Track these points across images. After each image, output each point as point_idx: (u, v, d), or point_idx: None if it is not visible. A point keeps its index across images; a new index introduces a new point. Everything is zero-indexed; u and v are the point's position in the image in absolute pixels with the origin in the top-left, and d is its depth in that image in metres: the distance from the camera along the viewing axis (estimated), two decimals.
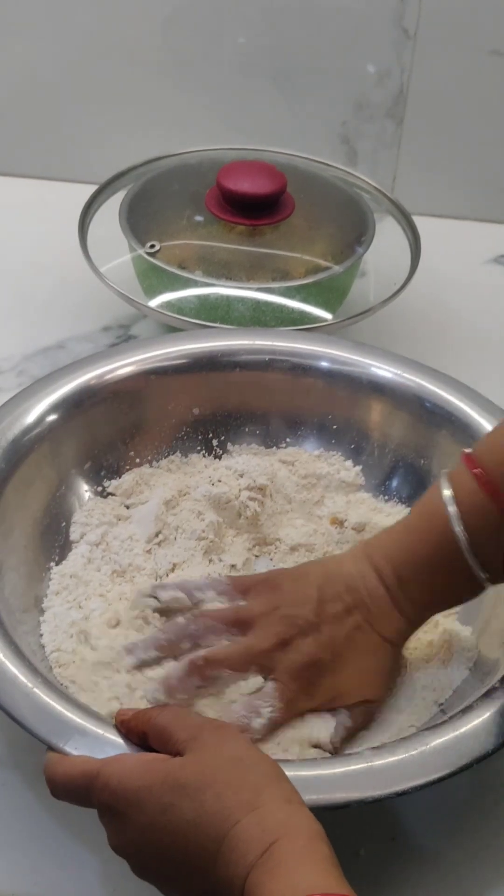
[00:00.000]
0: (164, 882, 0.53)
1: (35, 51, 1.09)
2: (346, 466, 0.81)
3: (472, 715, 0.60)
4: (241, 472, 0.78)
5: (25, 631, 0.68)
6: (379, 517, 0.78)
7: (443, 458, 0.78)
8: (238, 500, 0.76)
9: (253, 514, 0.76)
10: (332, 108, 1.10)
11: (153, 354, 0.82)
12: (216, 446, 0.82)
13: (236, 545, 0.76)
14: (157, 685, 0.63)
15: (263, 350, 0.83)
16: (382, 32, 1.05)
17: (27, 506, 0.74)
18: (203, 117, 1.11)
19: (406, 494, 0.80)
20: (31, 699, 0.60)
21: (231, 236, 0.94)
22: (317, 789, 0.57)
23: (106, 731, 0.59)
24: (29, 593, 0.71)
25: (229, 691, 0.63)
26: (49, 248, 1.05)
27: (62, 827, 0.64)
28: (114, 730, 0.59)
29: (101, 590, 0.72)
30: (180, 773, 0.52)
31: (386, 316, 0.95)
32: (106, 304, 0.98)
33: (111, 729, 0.59)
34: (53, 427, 0.76)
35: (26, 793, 0.65)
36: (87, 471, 0.79)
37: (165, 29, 1.07)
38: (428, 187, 1.12)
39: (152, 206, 0.98)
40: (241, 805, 0.51)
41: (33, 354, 0.95)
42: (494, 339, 1.01)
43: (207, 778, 0.52)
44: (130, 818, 0.53)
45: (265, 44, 1.07)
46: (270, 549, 0.77)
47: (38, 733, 0.59)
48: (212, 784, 0.52)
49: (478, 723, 0.60)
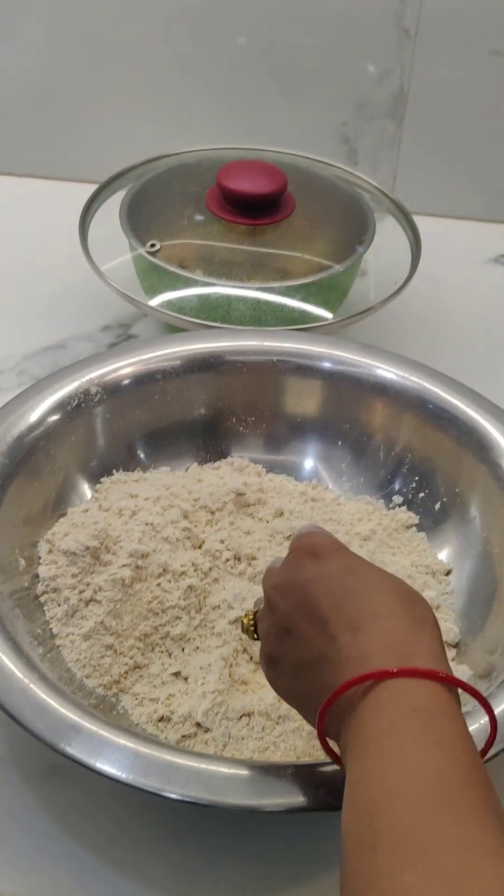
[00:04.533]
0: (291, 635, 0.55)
1: (35, 51, 1.09)
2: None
3: (470, 719, 0.60)
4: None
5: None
6: (384, 519, 0.79)
7: (445, 460, 0.78)
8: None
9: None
10: (332, 108, 1.10)
11: (155, 355, 0.82)
12: (218, 448, 0.82)
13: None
14: None
15: (268, 351, 0.83)
16: (382, 32, 1.05)
17: (29, 505, 0.74)
18: (203, 117, 1.11)
19: (409, 496, 0.80)
20: (27, 695, 0.60)
21: (231, 236, 0.94)
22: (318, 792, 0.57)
23: (101, 729, 0.59)
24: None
25: None
26: (49, 248, 1.05)
27: (62, 827, 0.64)
28: (111, 728, 0.59)
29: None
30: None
31: (386, 315, 0.95)
32: (106, 303, 0.97)
33: (108, 727, 0.59)
34: (55, 427, 0.77)
35: (26, 793, 0.65)
36: (89, 471, 0.79)
37: (166, 29, 1.07)
38: (428, 187, 1.12)
39: (152, 205, 0.98)
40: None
41: (33, 354, 0.95)
42: (494, 339, 1.01)
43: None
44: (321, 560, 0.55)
45: (265, 44, 1.07)
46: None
47: (34, 730, 0.59)
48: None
49: (476, 727, 0.60)
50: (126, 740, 0.59)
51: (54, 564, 0.72)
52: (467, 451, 0.77)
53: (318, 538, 0.57)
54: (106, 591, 0.70)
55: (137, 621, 0.70)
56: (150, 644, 0.70)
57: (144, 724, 0.67)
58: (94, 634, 0.69)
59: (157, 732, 0.66)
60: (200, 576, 0.72)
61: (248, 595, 0.71)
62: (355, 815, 0.46)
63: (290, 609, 0.55)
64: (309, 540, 0.57)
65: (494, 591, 0.72)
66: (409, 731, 0.47)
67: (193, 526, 0.75)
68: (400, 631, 0.51)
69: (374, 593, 0.53)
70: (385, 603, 0.53)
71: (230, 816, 0.63)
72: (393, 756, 0.47)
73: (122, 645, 0.70)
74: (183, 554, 0.73)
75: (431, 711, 0.48)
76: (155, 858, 0.63)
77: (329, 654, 0.52)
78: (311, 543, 0.57)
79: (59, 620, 0.70)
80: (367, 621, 0.52)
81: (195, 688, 0.68)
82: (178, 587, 0.71)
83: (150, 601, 0.71)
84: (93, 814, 0.64)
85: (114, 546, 0.72)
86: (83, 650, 0.69)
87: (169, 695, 0.68)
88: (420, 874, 0.41)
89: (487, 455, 0.76)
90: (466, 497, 0.77)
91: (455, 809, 0.44)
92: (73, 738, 0.58)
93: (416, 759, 0.46)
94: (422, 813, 0.44)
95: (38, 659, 0.65)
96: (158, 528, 0.73)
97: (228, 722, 0.66)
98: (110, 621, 0.69)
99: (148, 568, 0.71)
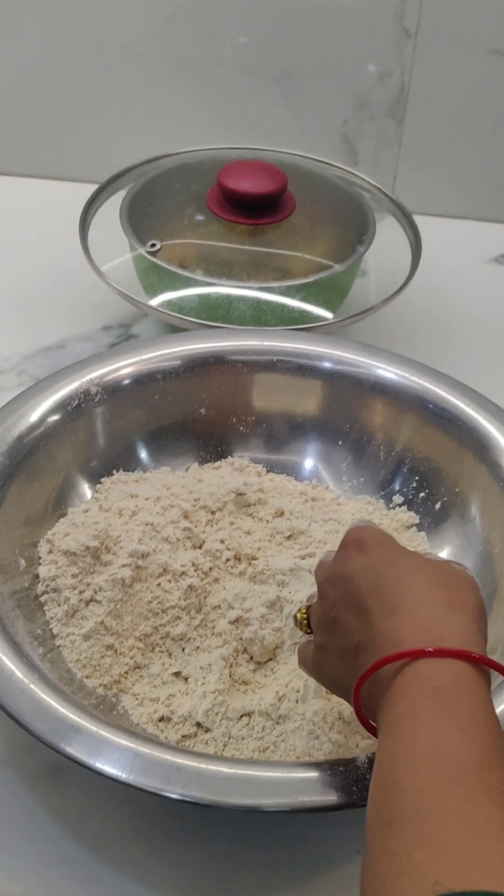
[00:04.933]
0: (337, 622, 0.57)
1: (35, 51, 1.09)
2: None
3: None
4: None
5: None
6: (384, 519, 0.78)
7: (446, 460, 0.78)
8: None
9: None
10: (332, 108, 1.10)
11: (156, 355, 0.82)
12: (218, 448, 0.82)
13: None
14: None
15: (269, 351, 0.83)
16: (383, 32, 1.05)
17: (29, 505, 0.74)
18: (203, 117, 1.11)
19: (409, 496, 0.80)
20: (27, 695, 0.60)
21: (232, 235, 0.94)
22: (318, 791, 0.57)
23: (102, 729, 0.59)
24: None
25: None
26: (49, 248, 1.05)
27: (61, 827, 0.64)
28: (111, 728, 0.59)
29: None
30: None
31: (386, 315, 0.95)
32: (106, 303, 0.97)
33: (108, 727, 0.59)
34: (56, 427, 0.77)
35: (26, 793, 0.65)
36: (89, 471, 0.79)
37: (165, 29, 1.07)
38: (428, 187, 1.12)
39: (153, 205, 0.98)
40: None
41: (34, 354, 0.95)
42: (495, 339, 1.01)
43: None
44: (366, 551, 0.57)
45: (265, 44, 1.07)
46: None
47: (34, 730, 0.59)
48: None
49: None
50: (126, 740, 0.59)
51: (54, 564, 0.72)
52: (468, 450, 0.77)
53: (365, 531, 0.58)
54: (106, 591, 0.70)
55: (138, 621, 0.70)
56: (150, 644, 0.70)
57: (145, 725, 0.66)
58: (94, 634, 0.69)
59: (157, 732, 0.66)
60: (201, 576, 0.72)
61: (248, 595, 0.71)
62: (377, 793, 0.47)
63: (336, 600, 0.57)
64: (356, 533, 0.58)
65: (494, 590, 0.72)
66: (430, 711, 0.48)
67: (194, 526, 0.75)
68: (433, 613, 0.52)
69: (411, 579, 0.54)
70: (420, 587, 0.54)
71: (231, 816, 0.63)
72: (414, 736, 0.48)
73: (123, 645, 0.70)
74: (183, 554, 0.73)
75: (454, 692, 0.49)
76: (155, 858, 0.63)
77: (367, 639, 0.54)
78: (357, 537, 0.58)
79: (60, 620, 0.70)
80: (402, 606, 0.53)
81: (195, 688, 0.68)
82: (179, 587, 0.71)
83: (150, 601, 0.71)
84: (93, 814, 0.64)
85: (114, 546, 0.72)
86: (83, 650, 0.69)
87: (169, 695, 0.68)
88: (427, 852, 0.42)
89: (488, 455, 0.76)
90: (467, 497, 0.77)
91: (470, 789, 0.45)
92: (73, 738, 0.58)
93: (436, 739, 0.47)
94: (436, 792, 0.45)
95: (39, 659, 0.65)
96: (159, 528, 0.73)
97: (228, 722, 0.66)
98: (110, 621, 0.69)
99: (148, 568, 0.71)
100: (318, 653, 0.60)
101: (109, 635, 0.69)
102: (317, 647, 0.60)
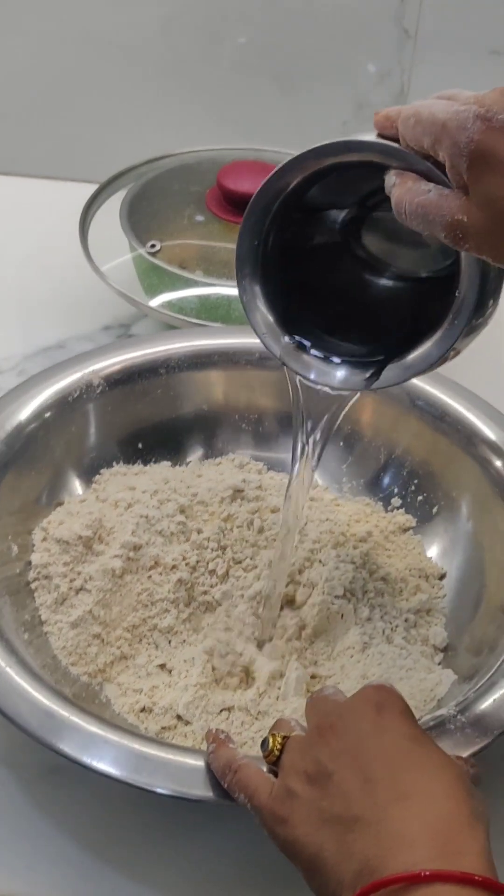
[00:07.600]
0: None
1: (35, 51, 1.09)
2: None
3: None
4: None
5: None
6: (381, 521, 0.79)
7: (444, 463, 0.78)
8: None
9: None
10: (332, 108, 1.10)
11: (159, 349, 0.82)
12: (220, 444, 0.83)
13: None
14: None
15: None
16: (382, 32, 1.05)
17: (25, 494, 0.74)
18: (203, 117, 1.11)
19: (407, 499, 0.80)
20: (24, 696, 0.60)
21: (232, 236, 0.94)
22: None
23: (99, 729, 0.59)
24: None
25: None
26: (49, 247, 1.05)
27: (59, 827, 0.64)
28: (108, 727, 0.59)
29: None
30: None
31: None
32: (106, 303, 0.97)
33: (105, 727, 0.59)
34: (55, 418, 0.77)
35: (23, 793, 0.65)
36: (88, 462, 0.79)
37: (165, 29, 1.07)
38: None
39: (153, 205, 0.98)
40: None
41: (34, 354, 0.95)
42: (494, 340, 1.00)
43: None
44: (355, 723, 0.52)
45: (265, 44, 1.07)
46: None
47: (30, 730, 0.59)
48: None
49: None
50: (114, 735, 0.59)
51: (47, 552, 0.72)
52: (465, 454, 0.77)
53: (389, 693, 0.54)
54: (96, 580, 0.71)
55: (126, 612, 0.71)
56: (137, 635, 0.71)
57: (126, 714, 0.67)
58: (81, 623, 0.69)
59: (137, 723, 0.66)
60: (191, 570, 0.73)
61: (238, 593, 0.72)
62: None
63: (340, 752, 0.51)
64: (379, 692, 0.53)
65: (483, 593, 0.72)
66: None
67: (189, 521, 0.75)
68: (453, 820, 0.47)
69: (436, 771, 0.50)
70: (444, 783, 0.49)
71: (231, 816, 0.63)
72: None
73: (110, 635, 0.70)
74: (176, 548, 0.73)
75: None
76: (155, 858, 0.63)
77: (368, 817, 0.48)
78: (379, 697, 0.53)
79: (49, 607, 0.70)
80: (416, 796, 0.48)
81: (178, 680, 0.68)
82: (169, 580, 0.72)
83: (139, 593, 0.71)
84: (91, 813, 0.64)
85: (107, 537, 0.73)
86: (70, 638, 0.69)
87: (153, 686, 0.68)
88: None
89: (485, 458, 0.76)
90: (463, 501, 0.77)
91: None
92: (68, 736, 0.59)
93: None
94: None
95: (24, 645, 0.66)
96: (153, 521, 0.73)
97: (208, 715, 0.66)
98: (99, 611, 0.70)
99: (140, 560, 0.72)
100: (288, 800, 0.52)
101: (97, 624, 0.70)
102: (288, 792, 0.52)
